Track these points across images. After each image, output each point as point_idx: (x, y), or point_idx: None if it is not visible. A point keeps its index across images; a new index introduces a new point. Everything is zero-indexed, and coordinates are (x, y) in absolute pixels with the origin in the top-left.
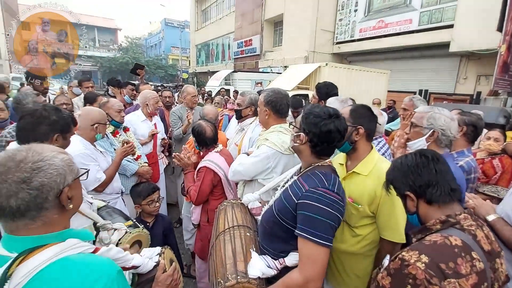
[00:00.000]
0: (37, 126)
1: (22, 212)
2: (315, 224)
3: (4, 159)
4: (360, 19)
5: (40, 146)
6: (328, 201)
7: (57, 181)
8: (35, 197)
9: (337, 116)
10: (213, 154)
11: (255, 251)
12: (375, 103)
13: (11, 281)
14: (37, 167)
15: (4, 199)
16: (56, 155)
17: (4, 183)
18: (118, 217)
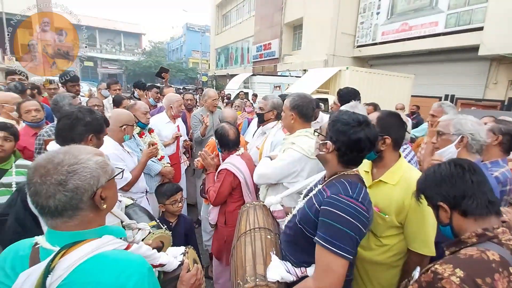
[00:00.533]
0: (74, 127)
1: (60, 212)
2: (334, 233)
3: (45, 161)
4: (383, 22)
5: (77, 148)
6: (351, 210)
7: (90, 183)
8: (71, 198)
9: (367, 123)
10: (234, 157)
11: (275, 255)
12: (398, 108)
13: (54, 273)
14: (72, 170)
15: (44, 200)
16: (91, 158)
17: (43, 184)
18: (143, 216)
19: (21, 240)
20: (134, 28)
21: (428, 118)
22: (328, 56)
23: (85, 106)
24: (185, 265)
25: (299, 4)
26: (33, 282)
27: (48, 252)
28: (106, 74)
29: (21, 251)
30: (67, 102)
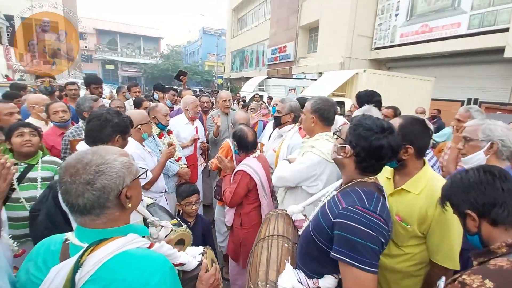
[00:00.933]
0: (102, 128)
1: (88, 210)
2: (356, 248)
3: (74, 161)
4: (402, 24)
5: (104, 149)
6: (369, 222)
7: (116, 182)
8: (98, 197)
9: (391, 130)
10: (250, 159)
11: (289, 263)
12: (418, 112)
13: (82, 268)
14: (100, 170)
15: (74, 198)
16: (117, 158)
17: (73, 183)
18: (164, 215)
19: (52, 236)
20: (153, 32)
21: (453, 123)
22: (344, 59)
23: (112, 108)
24: (204, 265)
25: (315, 7)
26: (63, 277)
27: (77, 248)
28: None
29: (52, 246)
30: (88, 105)
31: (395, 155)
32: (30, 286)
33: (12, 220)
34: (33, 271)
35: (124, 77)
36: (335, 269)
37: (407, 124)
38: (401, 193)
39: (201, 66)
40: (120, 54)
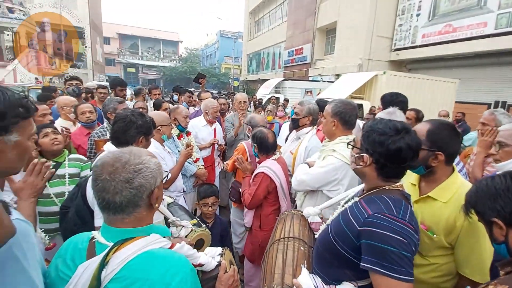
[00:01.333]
0: (127, 130)
1: (122, 208)
2: (390, 257)
3: (112, 160)
4: (423, 24)
5: (138, 150)
6: (399, 229)
7: (150, 182)
8: (134, 195)
9: (406, 130)
10: (270, 161)
11: (305, 268)
12: (441, 115)
13: (107, 267)
14: (138, 169)
15: (111, 196)
16: (151, 159)
17: (112, 181)
18: (183, 215)
19: (80, 233)
20: (173, 36)
21: (478, 127)
22: (362, 60)
23: (137, 110)
24: (223, 266)
25: (333, 8)
26: (90, 274)
27: (102, 246)
28: (146, 80)
29: (79, 244)
30: (112, 107)
31: (416, 155)
32: (59, 282)
33: (44, 215)
34: (62, 268)
35: (144, 80)
36: (355, 276)
37: (436, 129)
38: (427, 200)
39: (218, 68)
40: (141, 58)
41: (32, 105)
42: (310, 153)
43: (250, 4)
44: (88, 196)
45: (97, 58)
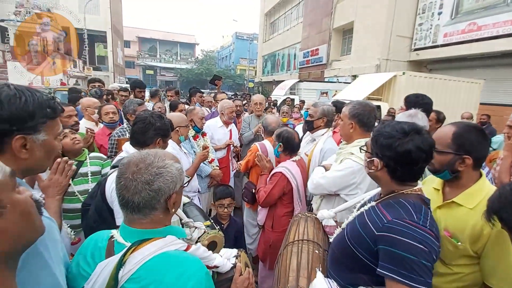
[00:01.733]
0: (146, 131)
1: (140, 208)
2: (409, 265)
3: (138, 160)
4: (446, 23)
5: (163, 153)
6: (420, 236)
7: (170, 187)
8: (152, 198)
9: (416, 131)
10: (290, 163)
11: (320, 272)
12: (465, 118)
13: (125, 266)
14: (160, 173)
15: (131, 195)
16: (174, 164)
17: (134, 181)
18: (198, 215)
19: (100, 232)
20: (190, 39)
21: (505, 130)
22: (380, 61)
23: (156, 112)
24: (238, 268)
25: (350, 8)
26: (108, 273)
27: (121, 246)
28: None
29: (99, 242)
30: (132, 108)
31: (430, 156)
32: (80, 278)
33: (69, 212)
34: (82, 265)
35: (162, 81)
36: (371, 281)
37: (463, 132)
38: (451, 206)
39: (233, 70)
40: (159, 60)
41: (58, 106)
42: (326, 156)
43: (266, 6)
44: (107, 194)
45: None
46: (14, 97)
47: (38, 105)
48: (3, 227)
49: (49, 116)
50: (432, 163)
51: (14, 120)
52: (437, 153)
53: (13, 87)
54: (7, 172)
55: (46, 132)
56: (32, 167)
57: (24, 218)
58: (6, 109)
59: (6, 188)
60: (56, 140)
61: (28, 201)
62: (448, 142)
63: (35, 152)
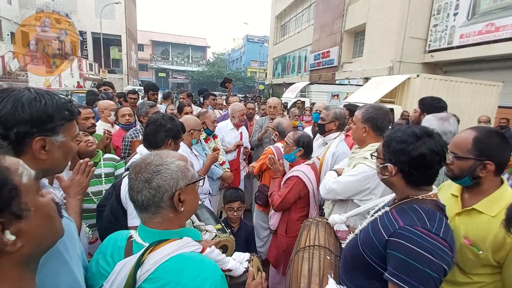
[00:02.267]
0: (157, 133)
1: (145, 207)
2: (413, 273)
3: (140, 161)
4: (462, 24)
5: (166, 153)
6: (430, 246)
7: (170, 184)
8: (153, 195)
9: (428, 134)
10: (305, 166)
11: (332, 278)
12: (482, 121)
13: (143, 267)
14: (157, 170)
15: (135, 194)
16: (174, 161)
17: (136, 180)
18: (210, 219)
19: (119, 231)
20: (201, 42)
21: None
22: (393, 63)
23: (167, 114)
24: (251, 273)
25: (363, 10)
26: (126, 273)
27: (139, 246)
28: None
29: (118, 242)
30: (144, 110)
31: (444, 158)
32: (99, 276)
33: (84, 212)
34: (102, 263)
35: (173, 84)
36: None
37: (484, 136)
38: (471, 213)
39: (244, 72)
40: (171, 63)
41: (75, 108)
42: (338, 160)
43: (277, 9)
44: (122, 195)
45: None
46: (34, 100)
47: (57, 108)
48: (27, 229)
49: (67, 119)
50: (452, 169)
51: (35, 122)
52: (457, 158)
53: (33, 90)
54: (32, 176)
55: (64, 134)
56: (50, 168)
57: (46, 221)
58: (27, 111)
59: (31, 191)
60: (73, 142)
61: (51, 204)
62: (469, 148)
63: (54, 153)
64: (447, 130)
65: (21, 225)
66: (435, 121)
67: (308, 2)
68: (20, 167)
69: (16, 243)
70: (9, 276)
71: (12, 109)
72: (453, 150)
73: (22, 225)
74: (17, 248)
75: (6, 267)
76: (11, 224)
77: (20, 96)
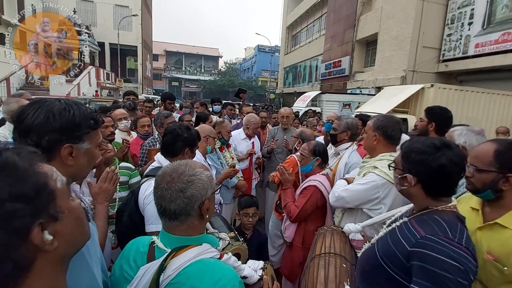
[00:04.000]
0: (175, 142)
1: (176, 215)
2: (444, 283)
3: (171, 170)
4: (477, 33)
5: (193, 162)
6: (456, 254)
7: (201, 193)
8: (187, 204)
9: (447, 145)
10: (321, 177)
11: (349, 286)
12: (500, 132)
13: (165, 272)
14: (191, 180)
15: (167, 203)
16: (203, 172)
17: (169, 190)
18: (223, 226)
19: (140, 237)
20: (213, 52)
21: None
22: (406, 72)
23: (184, 124)
24: (266, 281)
25: (374, 20)
26: (149, 277)
27: (161, 251)
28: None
29: (141, 247)
30: (159, 121)
31: (463, 170)
32: (123, 281)
33: None
34: (125, 268)
35: (186, 92)
36: None
37: (506, 149)
38: (494, 227)
39: (255, 81)
40: (184, 72)
41: (100, 118)
42: (350, 170)
43: (288, 19)
44: (140, 201)
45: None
46: (64, 111)
47: (83, 117)
48: (61, 230)
49: (92, 127)
50: (472, 182)
51: (64, 131)
52: (478, 171)
53: (63, 101)
54: (64, 181)
55: (89, 142)
56: (75, 173)
57: (78, 223)
58: (58, 121)
59: (64, 195)
60: (97, 149)
61: (80, 208)
62: (490, 160)
63: (80, 160)
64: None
65: (57, 226)
66: (470, 134)
67: (320, 13)
68: (55, 173)
69: (53, 242)
70: (46, 274)
71: (44, 119)
72: (473, 163)
73: (57, 226)
74: (54, 247)
75: (44, 265)
76: (48, 225)
77: (52, 107)
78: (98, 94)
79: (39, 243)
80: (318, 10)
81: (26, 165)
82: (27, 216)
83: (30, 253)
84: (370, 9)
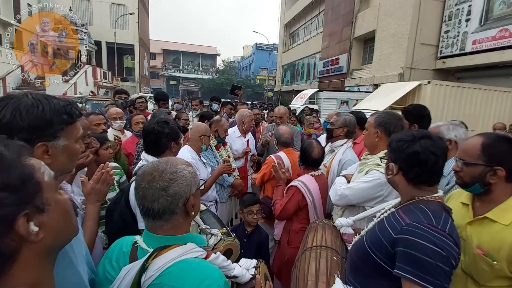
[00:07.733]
0: (159, 140)
1: (160, 215)
2: (426, 267)
3: (151, 169)
4: (474, 29)
5: (174, 159)
6: (438, 240)
7: (185, 190)
8: (170, 203)
9: (424, 136)
10: (308, 178)
11: (339, 278)
12: (497, 129)
13: (147, 272)
14: (173, 178)
15: (150, 203)
16: (186, 168)
17: (150, 189)
18: (215, 223)
19: (125, 237)
20: (211, 50)
21: None
22: (404, 70)
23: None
24: (258, 281)
25: (372, 17)
26: (131, 278)
27: (144, 251)
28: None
29: (124, 247)
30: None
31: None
32: (105, 281)
33: None
34: (108, 268)
35: (184, 91)
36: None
37: (493, 142)
38: (483, 222)
39: (253, 80)
40: (182, 71)
41: (76, 111)
42: (345, 167)
43: (286, 17)
44: (131, 200)
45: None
46: (32, 107)
47: (55, 112)
48: (47, 221)
49: (67, 122)
50: (461, 176)
51: (33, 129)
52: (466, 165)
53: (31, 96)
54: (52, 175)
55: (66, 137)
56: (58, 170)
57: (64, 216)
58: (25, 119)
59: (51, 188)
60: (78, 144)
61: (68, 202)
62: (478, 154)
63: (58, 157)
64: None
65: (43, 218)
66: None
67: (317, 10)
68: (42, 166)
69: (39, 234)
70: (32, 266)
71: (11, 118)
72: (461, 156)
73: (43, 218)
74: (39, 238)
75: (29, 256)
76: (34, 216)
77: (18, 104)
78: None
79: (24, 234)
80: (316, 7)
81: (13, 157)
82: (12, 205)
83: (15, 243)
84: (368, 7)
